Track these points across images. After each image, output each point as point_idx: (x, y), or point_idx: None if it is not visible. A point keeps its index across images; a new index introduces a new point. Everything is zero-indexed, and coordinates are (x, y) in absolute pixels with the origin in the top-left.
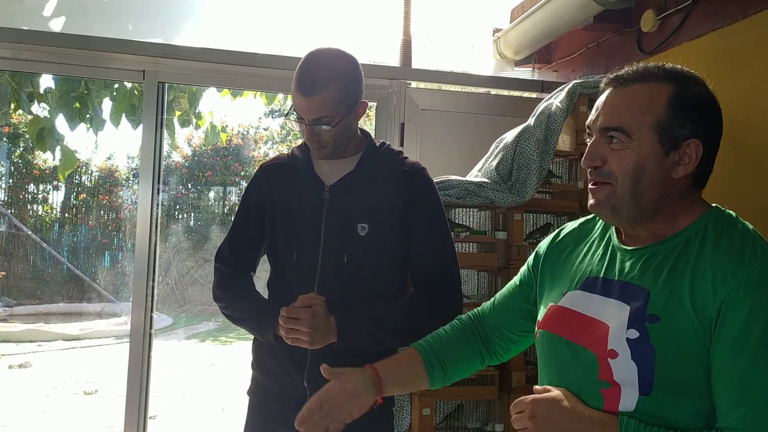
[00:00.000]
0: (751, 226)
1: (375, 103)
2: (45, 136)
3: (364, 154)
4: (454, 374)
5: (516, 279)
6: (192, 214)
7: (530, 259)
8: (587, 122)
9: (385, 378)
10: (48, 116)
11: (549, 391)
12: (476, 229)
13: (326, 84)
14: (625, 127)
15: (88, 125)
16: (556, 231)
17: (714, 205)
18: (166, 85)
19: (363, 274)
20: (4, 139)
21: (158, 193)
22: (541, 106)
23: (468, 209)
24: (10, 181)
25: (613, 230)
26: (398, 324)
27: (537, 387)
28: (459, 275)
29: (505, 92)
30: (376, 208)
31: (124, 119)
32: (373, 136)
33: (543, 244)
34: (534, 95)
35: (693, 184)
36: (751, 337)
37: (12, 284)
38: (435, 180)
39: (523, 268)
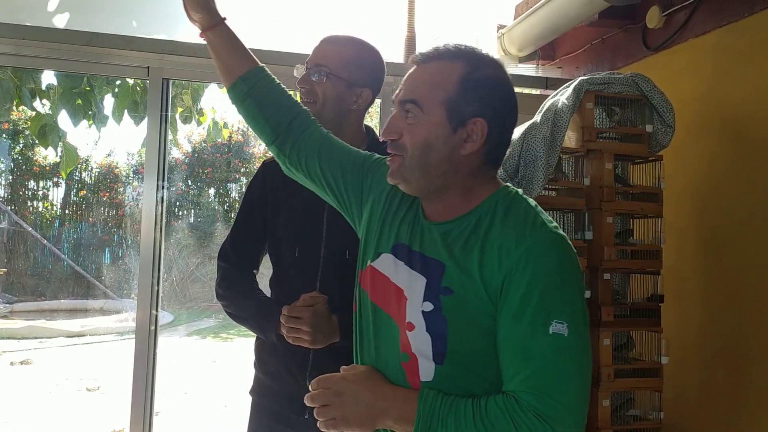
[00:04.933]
0: (533, 203)
1: (379, 100)
2: (47, 132)
3: (367, 150)
4: (246, 108)
5: (354, 150)
6: (192, 211)
7: (369, 156)
8: (392, 97)
9: (227, 29)
10: (50, 113)
11: (355, 369)
12: None
13: (347, 44)
14: (418, 100)
15: (90, 121)
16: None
17: (505, 184)
18: (171, 81)
19: None
20: (4, 135)
21: (163, 190)
22: (547, 103)
23: None
24: (10, 177)
25: (419, 201)
26: None
27: (344, 367)
28: None
29: None
30: None
31: (126, 116)
32: (378, 133)
33: (385, 165)
34: (538, 92)
35: (484, 162)
36: (530, 305)
37: (13, 281)
38: None
39: (362, 155)
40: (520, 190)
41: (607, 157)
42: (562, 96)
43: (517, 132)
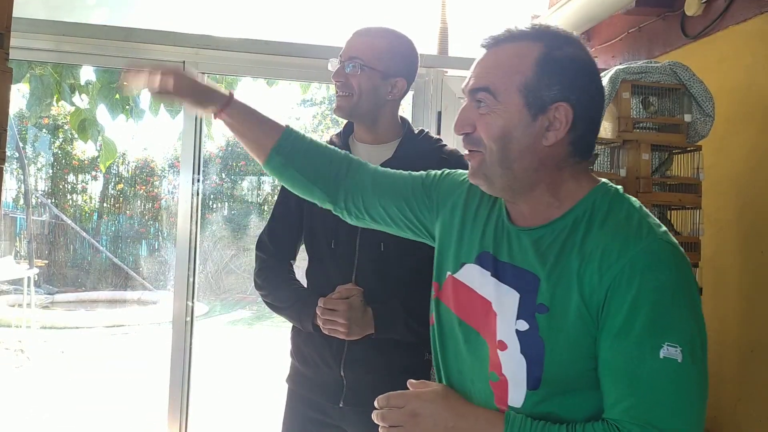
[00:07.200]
0: (637, 203)
1: (412, 92)
2: (87, 127)
3: (402, 141)
4: (289, 179)
5: (406, 174)
6: (227, 203)
7: (427, 174)
8: (461, 87)
9: (238, 105)
10: (89, 107)
11: (428, 386)
12: None
13: (379, 35)
14: (492, 87)
15: (128, 116)
16: (457, 172)
17: (603, 180)
18: (206, 75)
19: (400, 263)
20: (45, 130)
21: (198, 183)
22: None
23: None
24: (51, 171)
25: (502, 205)
26: None
27: (413, 381)
28: None
29: None
30: None
31: (162, 109)
32: (411, 124)
33: (448, 177)
34: None
35: (572, 153)
36: (636, 324)
37: (54, 272)
38: None
39: (419, 176)
40: (620, 188)
41: (644, 148)
42: None
43: None
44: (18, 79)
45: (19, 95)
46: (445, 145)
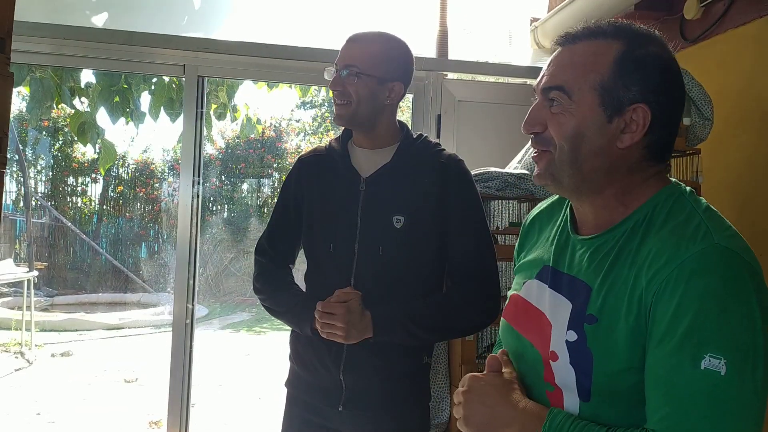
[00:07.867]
0: (704, 204)
1: (411, 95)
2: (86, 129)
3: (401, 146)
4: None
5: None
6: (226, 206)
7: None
8: (534, 85)
9: None
10: (89, 110)
11: (508, 366)
12: (516, 221)
13: (373, 40)
14: (566, 86)
15: (128, 119)
16: (531, 212)
17: (673, 180)
18: (206, 78)
19: (398, 267)
20: (45, 133)
21: (198, 185)
22: None
23: (508, 201)
24: (50, 174)
25: (569, 216)
26: (433, 319)
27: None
28: (496, 269)
29: None
30: (411, 200)
31: (162, 112)
32: (410, 128)
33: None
34: None
35: (647, 157)
36: (678, 332)
37: (54, 275)
38: (474, 172)
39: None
40: (688, 188)
41: None
42: None
43: None
44: (18, 82)
45: (19, 98)
46: (443, 149)
